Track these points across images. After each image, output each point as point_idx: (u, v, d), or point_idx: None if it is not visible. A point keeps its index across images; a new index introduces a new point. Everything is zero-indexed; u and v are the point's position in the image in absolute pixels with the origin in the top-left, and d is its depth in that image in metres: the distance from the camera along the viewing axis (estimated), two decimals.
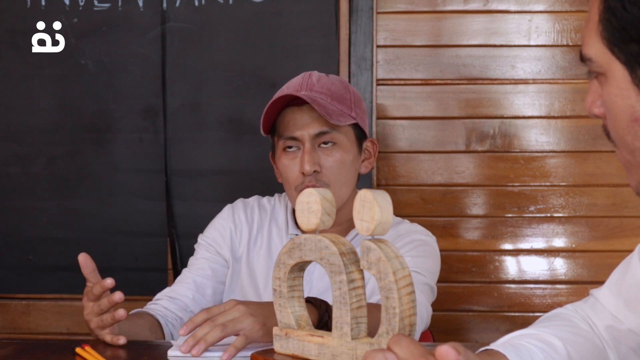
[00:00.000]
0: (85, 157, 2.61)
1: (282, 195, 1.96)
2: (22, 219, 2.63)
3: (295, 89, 1.79)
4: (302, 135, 1.77)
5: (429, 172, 2.60)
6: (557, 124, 2.58)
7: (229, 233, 1.91)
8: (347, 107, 1.80)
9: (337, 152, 1.79)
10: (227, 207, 1.96)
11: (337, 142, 1.79)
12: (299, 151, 1.78)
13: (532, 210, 2.59)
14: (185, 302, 1.85)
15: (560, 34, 2.57)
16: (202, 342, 1.41)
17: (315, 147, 1.77)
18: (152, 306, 1.83)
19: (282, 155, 1.80)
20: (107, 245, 2.59)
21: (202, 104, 2.59)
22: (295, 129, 1.77)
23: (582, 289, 2.55)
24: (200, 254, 1.92)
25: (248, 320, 1.43)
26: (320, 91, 1.78)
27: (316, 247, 1.20)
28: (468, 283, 2.60)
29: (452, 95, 2.59)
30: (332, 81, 1.82)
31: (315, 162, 1.76)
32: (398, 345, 0.92)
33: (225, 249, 1.90)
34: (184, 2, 2.57)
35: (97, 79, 2.59)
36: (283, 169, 1.80)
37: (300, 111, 1.78)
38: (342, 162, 1.79)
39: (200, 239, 1.95)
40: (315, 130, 1.77)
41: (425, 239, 1.84)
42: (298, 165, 1.78)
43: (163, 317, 1.80)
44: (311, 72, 1.84)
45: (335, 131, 1.78)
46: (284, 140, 1.79)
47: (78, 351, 1.48)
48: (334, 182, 1.78)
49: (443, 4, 2.58)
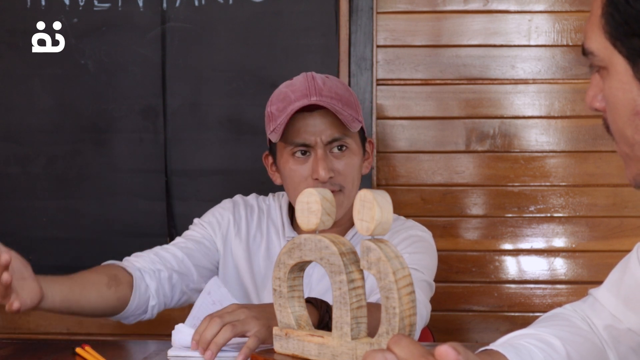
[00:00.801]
0: (85, 157, 2.61)
1: (276, 196, 1.95)
2: (22, 219, 2.62)
3: (304, 93, 1.77)
4: (315, 142, 1.76)
5: (429, 172, 2.60)
6: (557, 124, 2.58)
7: (226, 223, 1.91)
8: (355, 112, 1.80)
9: (348, 156, 1.79)
10: (228, 201, 1.96)
11: (348, 147, 1.79)
12: (309, 156, 1.77)
13: (532, 210, 2.59)
14: (168, 259, 1.81)
15: (560, 34, 2.57)
16: (212, 345, 1.40)
17: (327, 152, 1.77)
18: (132, 258, 1.81)
19: (289, 160, 1.78)
20: (107, 245, 2.59)
21: (202, 104, 2.59)
22: (307, 135, 1.76)
23: (582, 289, 2.55)
24: (196, 230, 1.91)
25: (254, 323, 1.43)
26: (330, 96, 1.77)
27: (316, 247, 1.20)
28: (468, 283, 2.60)
29: (452, 95, 2.59)
30: (336, 84, 1.81)
31: (330, 169, 1.75)
32: (398, 346, 0.93)
33: (218, 237, 1.90)
34: (184, 2, 2.57)
35: (97, 79, 2.59)
36: (290, 174, 1.79)
37: (312, 117, 1.76)
38: (353, 165, 1.80)
39: (196, 220, 1.94)
40: (328, 136, 1.76)
41: (422, 235, 1.84)
42: (307, 170, 1.77)
43: (139, 270, 1.76)
44: (311, 73, 1.82)
45: (346, 136, 1.78)
46: (294, 146, 1.77)
47: (78, 351, 1.48)
48: (348, 186, 1.78)
49: (443, 4, 2.58)
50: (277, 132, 1.76)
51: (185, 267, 1.83)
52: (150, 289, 1.76)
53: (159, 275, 1.78)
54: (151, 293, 1.76)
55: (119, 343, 1.73)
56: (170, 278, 1.79)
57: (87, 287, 1.66)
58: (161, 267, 1.79)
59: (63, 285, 1.61)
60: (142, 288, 1.75)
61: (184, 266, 1.83)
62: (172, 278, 1.80)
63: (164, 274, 1.79)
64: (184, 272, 1.83)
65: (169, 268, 1.80)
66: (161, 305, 1.80)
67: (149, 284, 1.76)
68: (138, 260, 1.79)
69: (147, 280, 1.76)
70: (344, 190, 1.77)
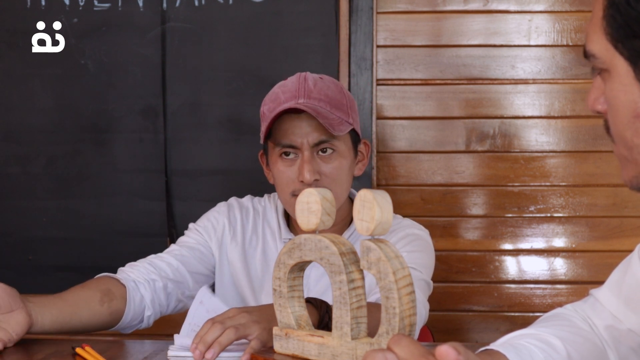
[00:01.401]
0: (85, 157, 2.61)
1: (271, 196, 1.95)
2: (22, 219, 2.63)
3: (293, 94, 1.77)
4: (302, 144, 1.75)
5: (429, 172, 2.60)
6: (557, 124, 2.58)
7: (221, 227, 1.90)
8: (344, 114, 1.79)
9: (335, 159, 1.78)
10: (222, 204, 1.95)
11: (336, 150, 1.78)
12: (297, 158, 1.77)
13: (532, 210, 2.59)
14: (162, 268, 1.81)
15: (560, 34, 2.57)
16: (216, 344, 1.40)
17: (313, 155, 1.76)
18: (127, 269, 1.80)
19: (277, 160, 1.79)
20: (107, 245, 2.59)
21: (202, 104, 2.59)
22: (294, 137, 1.76)
23: (582, 289, 2.55)
24: (191, 236, 1.91)
25: (255, 327, 1.43)
26: (318, 98, 1.76)
27: (316, 247, 1.20)
28: (468, 283, 2.60)
29: (452, 95, 2.59)
30: (327, 85, 1.80)
31: (315, 171, 1.75)
32: (398, 345, 0.92)
33: (214, 242, 1.89)
34: (184, 2, 2.57)
35: (97, 79, 2.59)
36: (278, 175, 1.79)
37: (299, 119, 1.76)
38: (341, 168, 1.78)
39: (191, 225, 1.93)
40: (314, 139, 1.75)
41: (419, 233, 1.84)
42: (295, 172, 1.76)
43: (133, 281, 1.76)
44: (305, 74, 1.81)
45: (334, 139, 1.77)
46: (281, 147, 1.77)
47: (78, 351, 1.48)
48: (333, 188, 1.76)
49: (443, 4, 2.58)
50: (264, 132, 1.78)
51: (180, 275, 1.83)
52: (146, 299, 1.77)
53: (154, 285, 1.78)
54: (146, 304, 1.77)
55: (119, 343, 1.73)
56: (165, 287, 1.80)
57: (78, 305, 1.66)
58: (156, 277, 1.79)
59: (53, 307, 1.61)
60: (136, 300, 1.76)
61: (179, 274, 1.83)
62: (167, 287, 1.80)
63: (158, 284, 1.79)
64: (179, 280, 1.83)
65: (163, 277, 1.80)
66: (157, 314, 1.80)
67: (144, 294, 1.77)
68: (132, 271, 1.79)
69: (142, 291, 1.77)
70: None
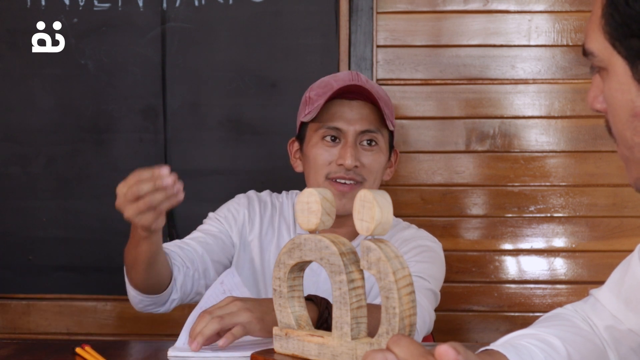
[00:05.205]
0: (85, 157, 2.61)
1: (289, 194, 1.97)
2: (22, 219, 2.62)
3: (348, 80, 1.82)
4: (348, 130, 1.80)
5: (429, 172, 2.60)
6: (557, 124, 2.58)
7: (242, 218, 1.91)
8: (391, 114, 1.85)
9: (376, 152, 1.83)
10: (242, 196, 1.96)
11: (378, 144, 1.83)
12: (338, 143, 1.81)
13: (532, 210, 2.59)
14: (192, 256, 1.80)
15: (560, 34, 2.56)
16: (199, 335, 1.42)
17: (357, 143, 1.80)
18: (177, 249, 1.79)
19: (318, 142, 1.82)
20: (107, 245, 2.59)
21: (202, 104, 2.59)
22: (342, 121, 1.80)
23: (582, 289, 2.55)
24: (213, 225, 1.90)
25: (245, 314, 1.43)
26: (373, 90, 1.81)
27: (316, 247, 1.20)
28: (468, 283, 2.60)
29: (452, 95, 2.59)
30: (377, 86, 1.88)
31: (357, 158, 1.79)
32: (398, 345, 0.93)
33: (234, 232, 1.90)
34: (184, 2, 2.57)
35: (97, 79, 2.59)
36: (316, 156, 1.82)
37: (349, 105, 1.81)
38: (379, 162, 1.83)
39: (211, 214, 1.93)
40: (362, 127, 1.80)
41: (431, 245, 1.85)
42: (334, 155, 1.80)
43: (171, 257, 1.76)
44: (356, 71, 1.87)
45: (378, 132, 1.82)
46: (326, 129, 1.81)
47: (78, 351, 1.48)
48: (370, 180, 1.81)
49: (443, 4, 2.58)
50: (313, 112, 1.80)
51: (204, 264, 1.82)
52: (177, 282, 1.75)
53: (186, 271, 1.77)
54: (176, 287, 1.76)
55: (119, 343, 1.73)
56: (193, 276, 1.79)
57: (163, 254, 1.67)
58: (189, 265, 1.78)
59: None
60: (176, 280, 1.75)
61: (204, 263, 1.82)
62: (194, 276, 1.79)
63: (190, 272, 1.78)
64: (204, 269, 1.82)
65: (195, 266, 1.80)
66: (178, 300, 1.79)
67: (177, 277, 1.75)
68: (179, 253, 1.78)
69: (175, 273, 1.75)
70: (364, 184, 1.81)
